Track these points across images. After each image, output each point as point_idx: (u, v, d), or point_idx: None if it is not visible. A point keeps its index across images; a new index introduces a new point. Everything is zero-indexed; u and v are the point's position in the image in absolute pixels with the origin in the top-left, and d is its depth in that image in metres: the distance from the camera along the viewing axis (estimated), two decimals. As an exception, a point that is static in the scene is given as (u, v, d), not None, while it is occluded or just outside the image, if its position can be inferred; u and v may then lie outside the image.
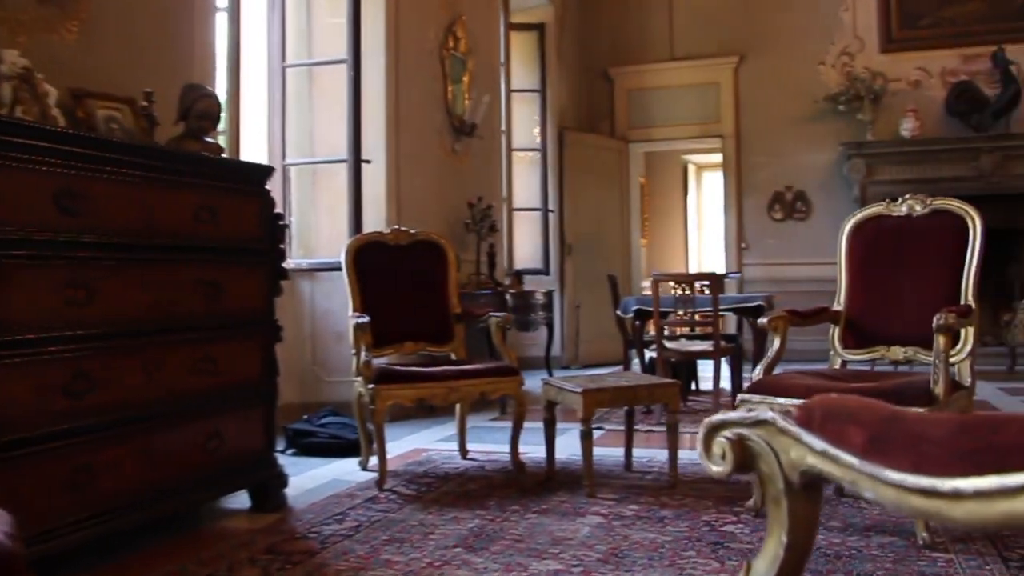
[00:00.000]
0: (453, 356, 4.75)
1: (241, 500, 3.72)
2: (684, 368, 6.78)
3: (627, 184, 10.90)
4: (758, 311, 6.16)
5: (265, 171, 3.73)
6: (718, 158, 14.99)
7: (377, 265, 4.65)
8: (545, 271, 9.67)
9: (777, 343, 3.58)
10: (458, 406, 4.65)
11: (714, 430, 1.48)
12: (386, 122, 6.19)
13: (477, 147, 7.58)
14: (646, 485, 4.03)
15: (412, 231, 4.82)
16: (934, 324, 3.13)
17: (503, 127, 8.67)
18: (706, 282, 6.17)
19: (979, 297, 3.50)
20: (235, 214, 3.47)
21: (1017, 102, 9.45)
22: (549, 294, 7.77)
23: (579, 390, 3.81)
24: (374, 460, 4.28)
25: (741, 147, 10.69)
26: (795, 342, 8.46)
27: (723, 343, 6.00)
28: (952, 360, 3.45)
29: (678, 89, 10.82)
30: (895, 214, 3.73)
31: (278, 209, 3.82)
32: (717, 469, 1.53)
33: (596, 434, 5.43)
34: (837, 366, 3.78)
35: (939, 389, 3.04)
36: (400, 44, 6.34)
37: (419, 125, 6.67)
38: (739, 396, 3.46)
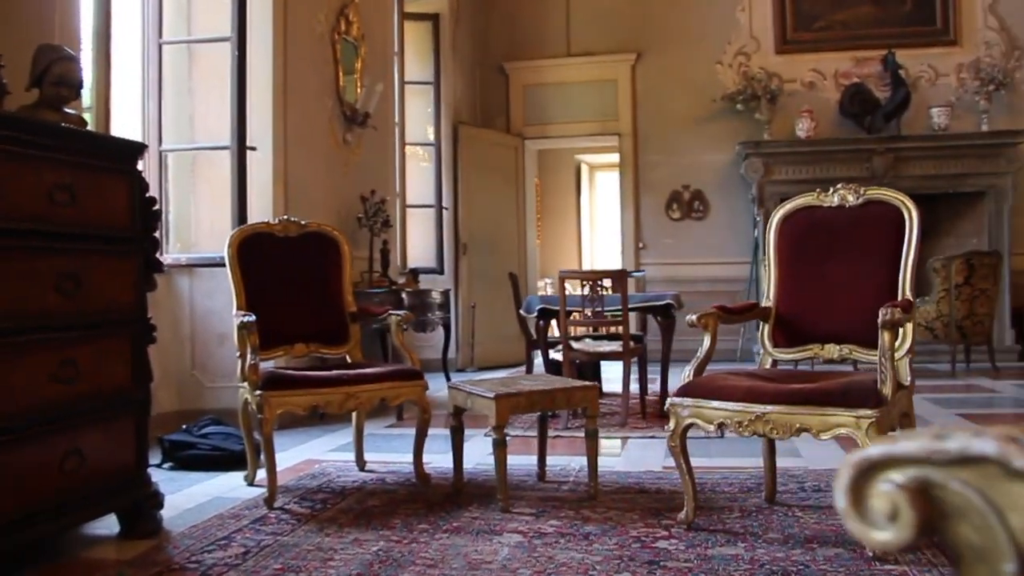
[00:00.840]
0: (348, 359, 4.35)
1: (109, 525, 3.24)
2: (589, 370, 6.53)
3: (523, 182, 10.64)
4: (667, 310, 5.96)
5: (135, 148, 3.26)
6: (612, 158, 14.97)
7: (264, 259, 4.22)
8: (439, 270, 9.31)
9: (707, 342, 3.32)
10: (355, 413, 4.25)
11: (871, 471, 0.82)
12: (273, 107, 5.73)
13: (370, 138, 7.17)
14: (564, 497, 3.73)
15: (303, 222, 4.40)
16: (880, 319, 2.92)
17: (397, 120, 8.27)
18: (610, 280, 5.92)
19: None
20: (99, 196, 3.00)
21: (907, 105, 9.59)
22: (446, 293, 7.42)
23: (491, 395, 3.48)
24: (261, 474, 3.86)
25: (638, 145, 10.56)
26: (696, 342, 8.35)
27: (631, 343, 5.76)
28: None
29: (575, 86, 10.62)
30: (826, 204, 3.53)
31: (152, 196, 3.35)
32: (882, 537, 0.78)
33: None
34: (768, 365, 3.55)
35: (887, 389, 2.83)
36: (289, 23, 5.88)
37: (309, 112, 6.23)
38: (669, 400, 3.19)
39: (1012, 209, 9.49)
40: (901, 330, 3.23)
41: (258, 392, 3.57)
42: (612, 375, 7.81)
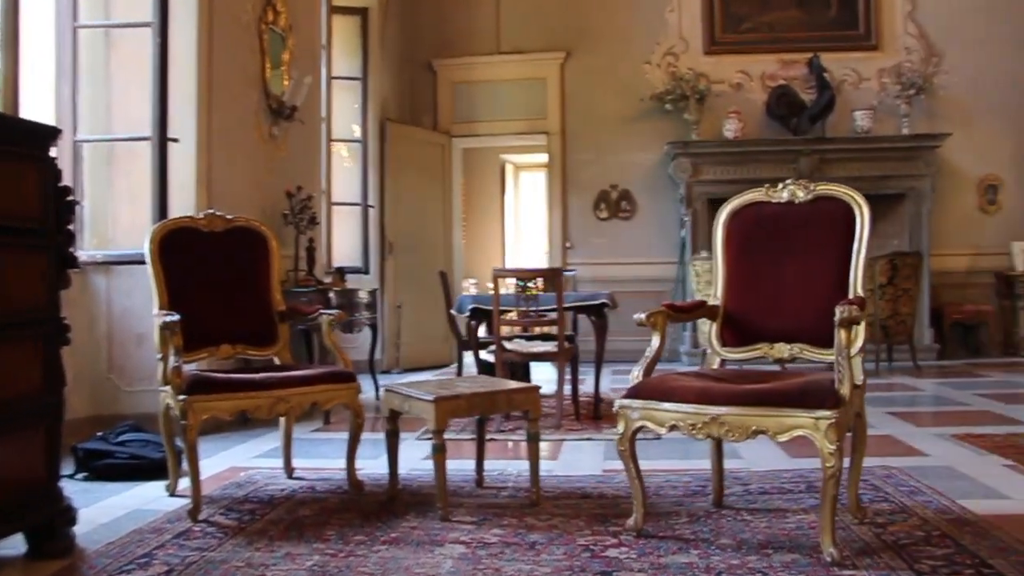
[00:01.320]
0: (277, 360, 4.14)
1: (15, 544, 2.98)
2: (519, 371, 6.41)
3: (450, 180, 10.48)
4: (601, 309, 5.87)
5: (47, 132, 3.00)
6: (537, 158, 14.91)
7: (188, 255, 3.98)
8: (365, 270, 9.09)
9: (656, 341, 3.22)
10: (283, 418, 4.04)
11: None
12: (197, 97, 5.45)
13: (297, 133, 6.92)
14: (504, 504, 3.59)
15: (229, 216, 4.17)
16: (837, 317, 2.86)
17: (323, 115, 8.02)
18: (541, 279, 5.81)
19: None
20: (5, 183, 2.75)
21: (832, 107, 9.72)
22: (374, 293, 7.21)
23: (431, 398, 3.32)
24: (184, 483, 3.65)
25: (567, 144, 10.49)
26: (628, 342, 8.31)
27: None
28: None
29: (504, 84, 10.50)
30: (775, 200, 3.46)
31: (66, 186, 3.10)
32: None
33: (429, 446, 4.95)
34: (715, 365, 3.46)
35: (845, 389, 2.77)
36: (214, 10, 5.61)
37: (234, 103, 5.96)
38: (618, 403, 3.07)
39: (931, 211, 9.69)
40: (855, 328, 3.19)
41: (182, 396, 3.35)
42: (542, 376, 7.69)
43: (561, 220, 10.54)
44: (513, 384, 3.67)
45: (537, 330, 7.03)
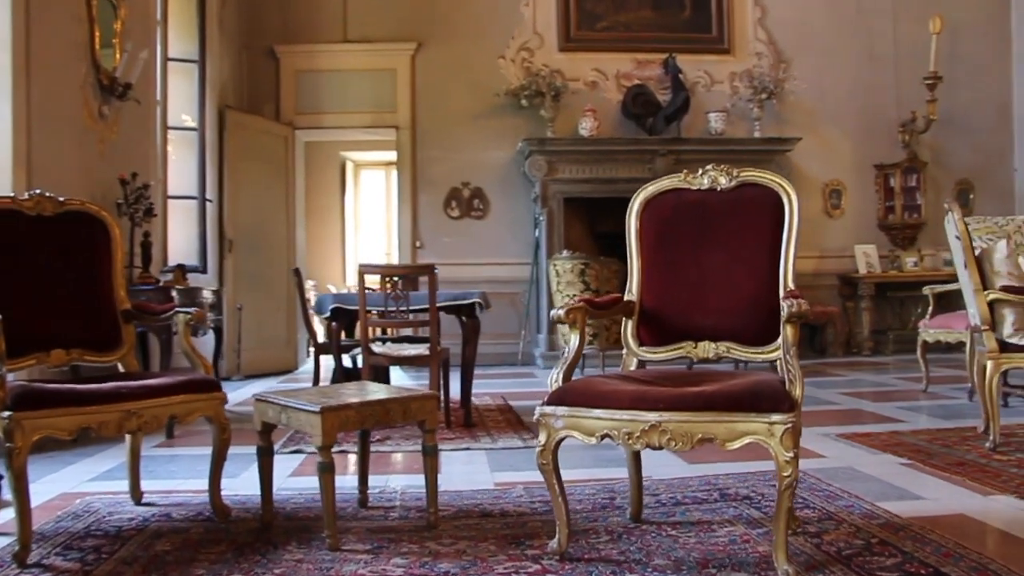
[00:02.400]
0: (121, 367, 3.55)
1: None
2: (379, 377, 5.94)
3: (293, 175, 9.84)
4: (472, 309, 5.50)
5: None
6: (378, 156, 14.42)
7: (9, 243, 3.34)
8: (202, 269, 8.35)
9: (575, 340, 2.88)
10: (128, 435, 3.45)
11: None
12: (13, 66, 4.72)
13: (131, 115, 6.20)
14: (397, 527, 3.15)
15: (61, 199, 3.54)
16: (784, 313, 2.59)
17: (159, 98, 7.28)
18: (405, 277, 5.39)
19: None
20: None
21: (687, 108, 9.74)
22: (218, 293, 6.57)
23: (317, 408, 2.85)
24: (6, 517, 3.01)
25: (417, 140, 10.06)
26: (486, 345, 7.98)
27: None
28: (777, 355, 2.97)
29: (351, 74, 9.96)
30: (695, 187, 3.19)
31: None
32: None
33: (296, 461, 4.45)
34: (632, 367, 3.15)
35: (797, 391, 2.50)
36: (31, -34, 4.89)
37: (57, 75, 5.23)
38: (539, 411, 2.70)
39: (779, 214, 9.84)
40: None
41: (6, 413, 2.73)
42: (400, 383, 7.30)
43: (411, 219, 10.10)
44: (406, 391, 3.23)
45: (392, 332, 6.62)
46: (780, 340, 2.95)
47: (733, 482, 3.74)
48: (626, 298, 3.19)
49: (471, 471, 4.19)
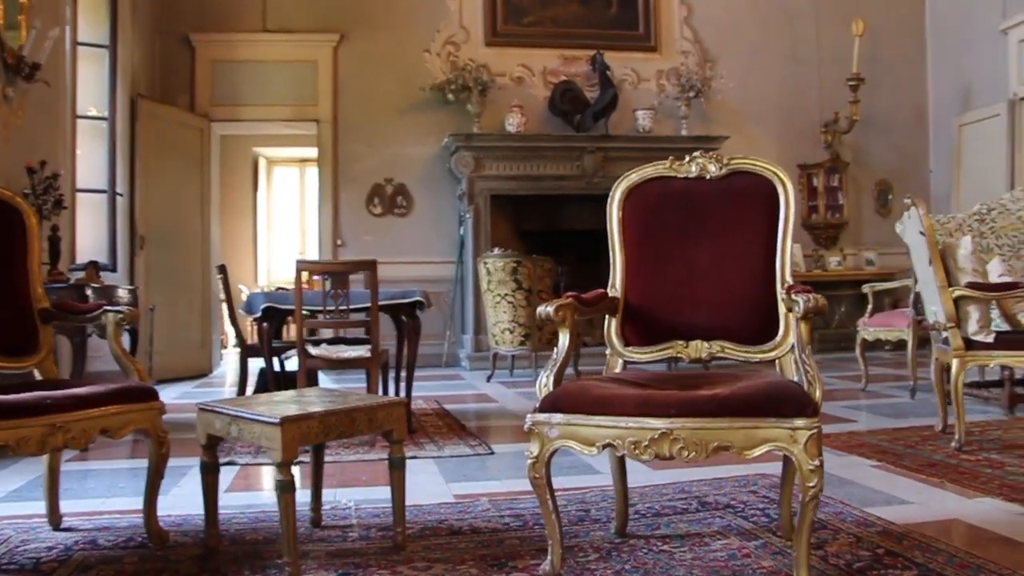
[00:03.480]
0: (38, 374, 3.14)
1: None
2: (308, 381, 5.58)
3: (208, 169, 9.33)
4: (414, 308, 5.20)
5: None
6: (292, 152, 13.94)
7: (-93, 233, 2.91)
8: (112, 267, 7.80)
9: (565, 340, 2.62)
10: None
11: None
12: (-98, 38, 4.23)
13: (39, 99, 5.69)
14: (360, 549, 2.84)
15: (-33, 184, 3.12)
16: (800, 308, 2.39)
17: (68, 84, 6.74)
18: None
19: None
20: None
21: (615, 105, 9.60)
22: (134, 292, 6.10)
23: (275, 419, 2.52)
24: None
25: (339, 134, 9.66)
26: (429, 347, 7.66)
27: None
28: (776, 355, 2.77)
29: (271, 65, 9.50)
30: (682, 175, 2.97)
31: None
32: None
33: (230, 473, 4.08)
34: (618, 369, 2.91)
35: (818, 393, 2.30)
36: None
37: (-46, 51, 4.73)
38: (531, 419, 2.43)
39: (708, 213, 9.78)
40: (784, 322, 2.76)
41: (-92, 429, 2.33)
42: (330, 385, 6.95)
43: (331, 216, 9.70)
44: (372, 398, 2.92)
45: (319, 332, 6.27)
46: (778, 338, 2.78)
47: (708, 489, 3.54)
48: (610, 294, 2.94)
49: (425, 482, 3.89)
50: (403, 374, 5.47)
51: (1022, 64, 9.43)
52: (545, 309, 2.58)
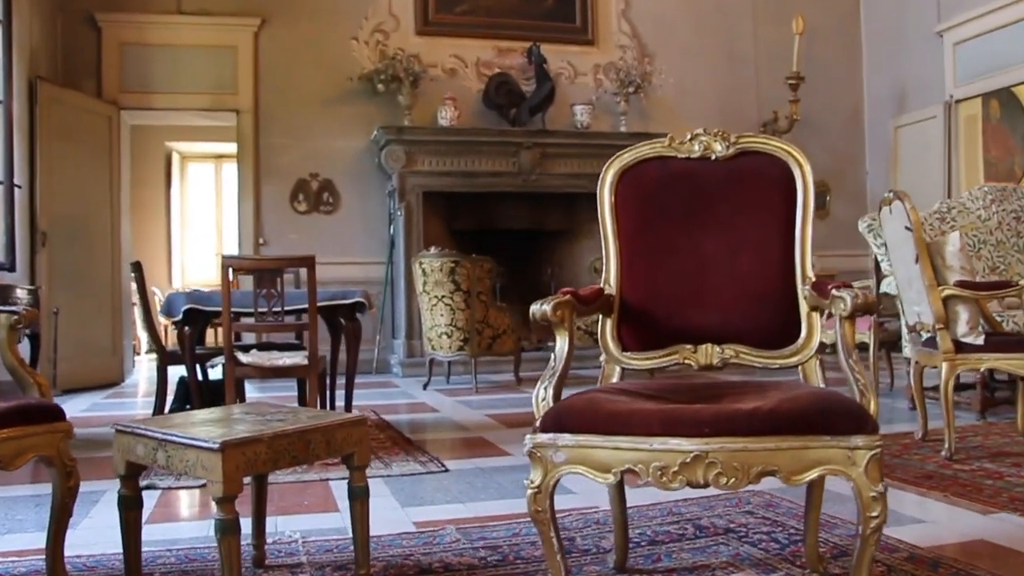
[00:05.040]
0: (-86, 390, 2.60)
1: None
2: (221, 392, 5.05)
3: (118, 160, 8.65)
4: (355, 310, 4.73)
5: None
6: (208, 148, 13.23)
7: None
8: (9, 265, 7.10)
9: (564, 344, 2.20)
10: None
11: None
12: None
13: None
14: (315, 593, 2.39)
15: None
16: (847, 306, 2.03)
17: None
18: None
19: (513, 299, 2.49)
20: None
21: (552, 100, 9.25)
22: (35, 292, 5.47)
23: (214, 444, 2.05)
24: None
25: (261, 125, 9.07)
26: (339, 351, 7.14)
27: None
28: (798, 360, 2.41)
29: (186, 50, 8.85)
30: (683, 155, 2.58)
31: None
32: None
33: (149, 499, 3.56)
34: (615, 378, 2.50)
35: (872, 406, 1.94)
36: None
37: None
38: (530, 440, 2.02)
39: (647, 212, 9.51)
40: (807, 323, 2.41)
41: None
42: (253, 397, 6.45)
43: (253, 213, 9.10)
44: (329, 416, 2.45)
45: (247, 338, 5.76)
46: (800, 341, 2.41)
47: (699, 510, 3.17)
48: (606, 291, 2.54)
49: (378, 507, 3.40)
50: (334, 383, 5.02)
51: (958, 66, 9.39)
52: (541, 308, 2.17)
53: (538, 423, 2.03)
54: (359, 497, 2.39)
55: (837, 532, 2.83)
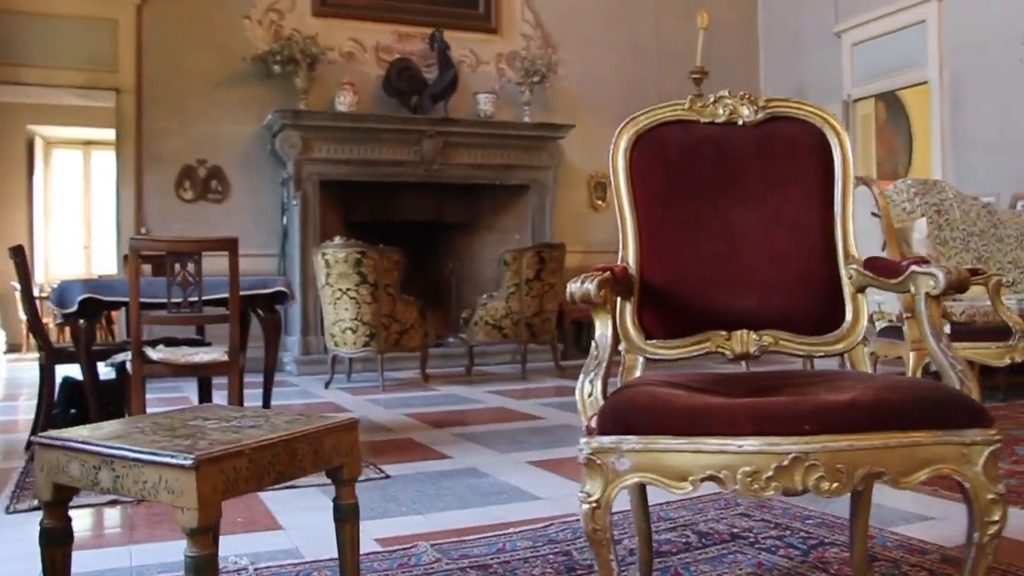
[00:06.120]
0: None
1: None
2: (117, 390, 4.50)
3: (-21, 141, 7.82)
4: (276, 300, 4.27)
5: None
6: (75, 133, 12.31)
7: None
8: None
9: (607, 330, 1.86)
10: None
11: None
12: None
13: None
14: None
15: None
16: (937, 284, 1.79)
17: None
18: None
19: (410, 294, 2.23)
20: None
21: (455, 87, 8.87)
22: None
23: (187, 460, 1.62)
24: None
25: (143, 107, 8.36)
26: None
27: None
28: (843, 347, 2.15)
29: (59, 20, 8.06)
30: (706, 119, 2.29)
31: None
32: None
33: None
34: (639, 371, 2.17)
35: (976, 393, 1.68)
36: None
37: None
38: (587, 445, 1.67)
39: (553, 204, 9.29)
40: (853, 306, 2.15)
41: None
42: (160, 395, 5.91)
43: (134, 200, 8.39)
44: (320, 421, 2.02)
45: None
46: (845, 326, 2.16)
47: (689, 514, 2.91)
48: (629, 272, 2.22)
49: (325, 522, 3.00)
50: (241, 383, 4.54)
51: (855, 66, 9.53)
52: (583, 286, 1.82)
53: (593, 423, 1.69)
54: (350, 519, 2.01)
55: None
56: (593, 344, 1.84)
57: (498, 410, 5.71)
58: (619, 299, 2.20)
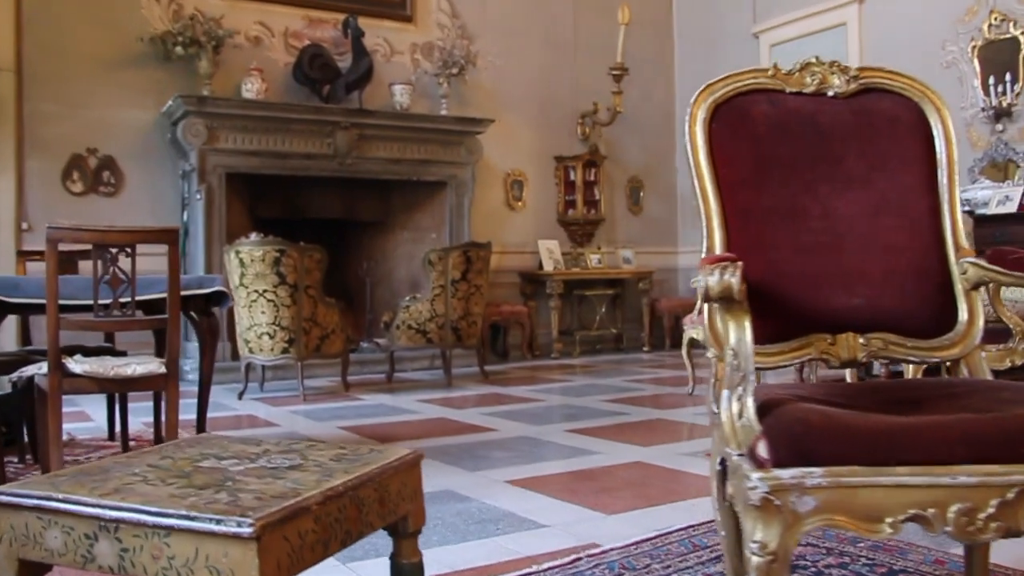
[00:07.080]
0: None
1: None
2: (14, 410, 3.91)
3: None
4: (216, 300, 3.77)
5: None
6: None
7: None
8: None
9: (745, 334, 1.52)
10: None
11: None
12: None
13: None
14: None
15: None
16: None
17: None
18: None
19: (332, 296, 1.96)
20: None
21: (370, 77, 8.41)
22: None
23: (245, 528, 1.19)
24: None
25: (24, 88, 7.57)
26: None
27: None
28: (959, 352, 1.87)
29: (-73, -11, 7.24)
30: (792, 89, 1.98)
31: None
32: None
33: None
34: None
35: None
36: None
37: None
38: (763, 481, 1.32)
39: (472, 202, 8.91)
40: (967, 304, 1.88)
41: None
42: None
43: (14, 192, 7.58)
44: (379, 456, 1.60)
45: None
46: (960, 328, 1.89)
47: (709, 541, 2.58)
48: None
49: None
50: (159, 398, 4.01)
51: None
52: (723, 278, 1.48)
53: (767, 455, 1.34)
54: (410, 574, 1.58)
55: (912, 556, 2.33)
56: (730, 353, 1.49)
57: (439, 421, 5.31)
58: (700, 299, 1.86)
